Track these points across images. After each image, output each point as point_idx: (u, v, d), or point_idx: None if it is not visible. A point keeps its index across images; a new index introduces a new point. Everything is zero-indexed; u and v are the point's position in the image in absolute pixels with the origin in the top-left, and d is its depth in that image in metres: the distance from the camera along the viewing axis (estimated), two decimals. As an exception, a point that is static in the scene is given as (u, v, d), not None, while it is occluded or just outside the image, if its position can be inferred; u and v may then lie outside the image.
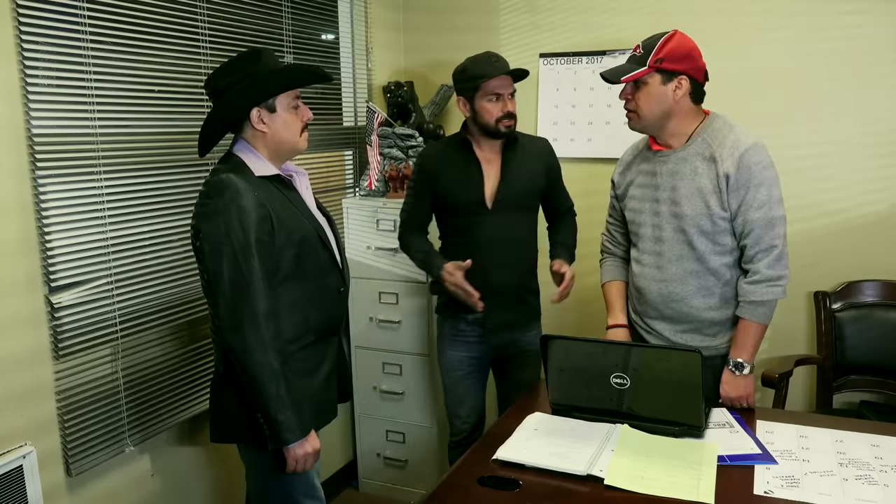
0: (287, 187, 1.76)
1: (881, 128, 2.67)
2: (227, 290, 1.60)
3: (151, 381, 2.17)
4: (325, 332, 1.81)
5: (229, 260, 1.59)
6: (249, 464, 1.81)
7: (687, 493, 1.46)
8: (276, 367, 1.62)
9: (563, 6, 3.07)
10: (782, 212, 1.86)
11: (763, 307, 1.87)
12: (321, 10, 2.93)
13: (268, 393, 1.61)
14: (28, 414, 1.82)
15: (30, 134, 1.78)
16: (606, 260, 2.23)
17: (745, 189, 1.83)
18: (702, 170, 1.88)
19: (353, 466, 3.20)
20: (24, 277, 1.79)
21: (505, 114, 2.22)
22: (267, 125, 1.70)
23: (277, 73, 1.71)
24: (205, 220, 1.63)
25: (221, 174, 1.63)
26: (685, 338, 1.98)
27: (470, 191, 2.27)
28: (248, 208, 1.60)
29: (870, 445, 1.67)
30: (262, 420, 1.65)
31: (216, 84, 1.70)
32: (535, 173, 2.33)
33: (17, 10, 1.72)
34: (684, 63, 1.87)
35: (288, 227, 1.67)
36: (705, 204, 1.87)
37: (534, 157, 2.33)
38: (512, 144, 2.31)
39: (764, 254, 1.85)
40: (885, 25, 2.61)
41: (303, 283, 1.72)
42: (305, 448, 1.68)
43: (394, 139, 3.06)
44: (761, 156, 1.84)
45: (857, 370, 2.72)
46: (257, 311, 1.60)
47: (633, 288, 2.10)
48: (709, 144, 1.89)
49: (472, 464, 1.64)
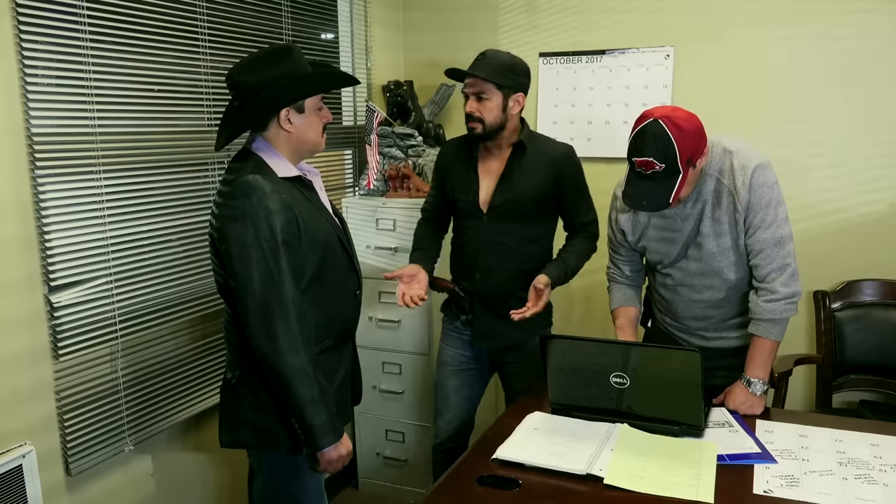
0: (308, 188, 1.73)
1: (881, 127, 2.67)
2: (258, 293, 1.56)
3: (151, 381, 2.17)
4: (343, 335, 1.80)
5: (259, 263, 1.56)
6: (260, 467, 1.78)
7: (686, 493, 1.46)
8: (309, 371, 1.59)
9: (563, 6, 3.07)
10: (790, 229, 1.85)
11: (781, 325, 1.86)
12: (321, 9, 2.93)
13: (302, 397, 1.59)
14: (27, 413, 1.82)
15: (29, 133, 1.78)
16: (614, 287, 2.15)
17: (754, 210, 1.81)
18: (719, 206, 1.85)
19: (353, 466, 3.20)
20: (23, 277, 1.79)
21: (467, 115, 2.13)
22: (294, 125, 1.67)
23: (316, 77, 1.69)
24: (231, 223, 1.58)
25: (247, 175, 1.59)
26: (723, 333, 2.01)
27: (467, 193, 2.23)
28: (276, 210, 1.57)
29: (869, 445, 1.67)
30: (297, 424, 1.63)
31: (242, 79, 1.65)
32: (540, 181, 2.17)
33: (16, 9, 1.72)
34: (700, 141, 1.75)
35: (312, 230, 1.65)
36: (730, 238, 1.86)
37: (542, 164, 2.17)
38: (520, 149, 2.18)
39: (778, 272, 1.83)
40: (886, 25, 2.61)
41: (324, 286, 1.70)
42: (340, 451, 1.66)
43: (393, 138, 3.06)
44: (767, 175, 1.81)
45: (857, 369, 2.72)
46: (289, 315, 1.57)
47: (659, 303, 2.10)
48: (717, 180, 1.84)
49: (471, 463, 1.64)
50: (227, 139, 1.69)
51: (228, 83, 1.67)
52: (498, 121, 2.11)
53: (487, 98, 2.08)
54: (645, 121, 1.72)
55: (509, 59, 2.12)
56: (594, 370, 1.76)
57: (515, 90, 2.12)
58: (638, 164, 1.72)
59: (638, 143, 1.72)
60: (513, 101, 2.12)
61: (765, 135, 2.80)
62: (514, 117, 2.15)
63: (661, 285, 2.05)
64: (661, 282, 2.05)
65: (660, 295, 2.08)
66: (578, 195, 2.24)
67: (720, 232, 1.86)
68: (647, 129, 1.71)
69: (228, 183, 1.62)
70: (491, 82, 2.07)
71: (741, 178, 1.80)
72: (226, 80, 1.68)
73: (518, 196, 2.17)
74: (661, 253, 1.97)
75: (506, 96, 2.10)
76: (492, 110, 2.09)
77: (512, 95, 2.11)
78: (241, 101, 1.66)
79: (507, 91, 2.10)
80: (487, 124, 2.10)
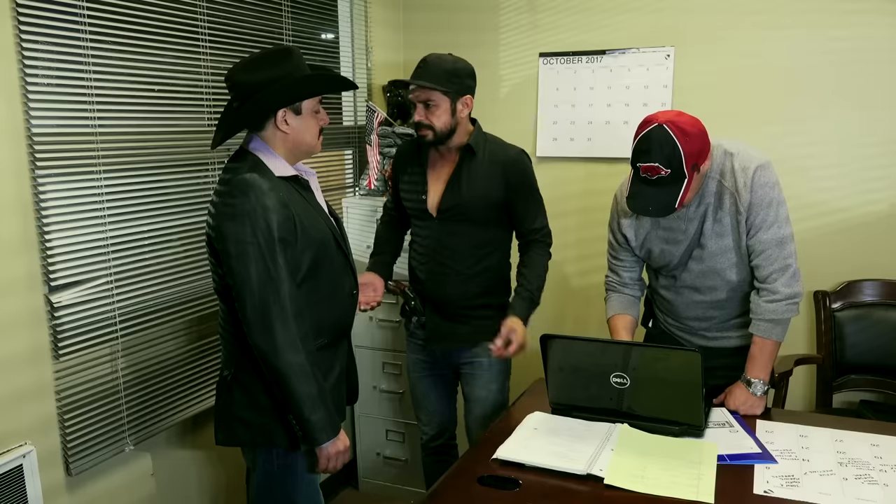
0: (304, 188, 1.75)
1: (881, 127, 2.67)
2: (256, 291, 1.58)
3: (151, 381, 2.17)
4: (338, 333, 1.81)
5: (257, 261, 1.57)
6: (255, 465, 1.79)
7: (687, 493, 1.46)
8: (307, 367, 1.60)
9: (563, 5, 3.07)
10: (791, 230, 1.85)
11: (782, 325, 1.86)
12: (321, 9, 2.93)
13: (300, 393, 1.60)
14: (28, 413, 1.82)
15: (30, 133, 1.78)
16: (612, 296, 2.12)
17: (755, 210, 1.81)
18: (721, 208, 1.85)
19: (353, 466, 3.20)
20: (23, 277, 1.79)
21: (415, 123, 2.12)
22: (290, 126, 1.68)
23: (313, 80, 1.70)
24: (229, 221, 1.59)
25: (244, 174, 1.61)
26: (724, 333, 2.02)
27: (416, 196, 2.23)
28: (273, 208, 1.58)
29: (869, 445, 1.67)
30: (295, 421, 1.64)
31: (241, 79, 1.66)
32: (489, 185, 2.15)
33: (16, 9, 1.72)
34: (704, 144, 1.74)
35: (308, 229, 1.66)
36: (732, 239, 1.86)
37: (492, 168, 2.15)
38: (468, 153, 2.16)
39: (779, 273, 1.83)
40: (887, 25, 2.61)
41: (319, 285, 1.71)
42: (338, 446, 1.67)
43: (393, 138, 3.05)
44: (768, 176, 1.80)
45: (857, 370, 2.72)
46: (287, 311, 1.59)
47: (661, 304, 2.10)
48: (719, 181, 1.84)
49: (471, 463, 1.64)
50: (222, 137, 1.70)
51: (228, 83, 1.69)
52: (448, 126, 2.10)
53: (435, 104, 2.07)
54: (649, 126, 1.71)
55: (452, 63, 2.10)
56: (594, 370, 1.76)
57: (462, 93, 2.10)
58: (643, 170, 1.71)
59: (643, 148, 1.71)
60: (461, 104, 2.10)
61: (765, 134, 2.80)
62: (464, 120, 2.14)
63: (664, 287, 2.05)
64: (663, 283, 2.05)
65: (661, 296, 2.08)
66: (528, 201, 2.21)
67: (722, 233, 1.86)
68: (652, 134, 1.69)
69: (226, 182, 1.63)
70: (437, 89, 2.05)
71: (742, 180, 1.80)
72: (225, 79, 1.69)
73: (466, 200, 2.15)
74: (666, 257, 1.97)
75: (453, 100, 2.08)
76: (440, 116, 2.08)
77: (459, 99, 2.10)
78: (240, 100, 1.67)
79: (454, 95, 2.08)
80: (438, 130, 2.09)
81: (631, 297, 2.10)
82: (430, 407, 2.41)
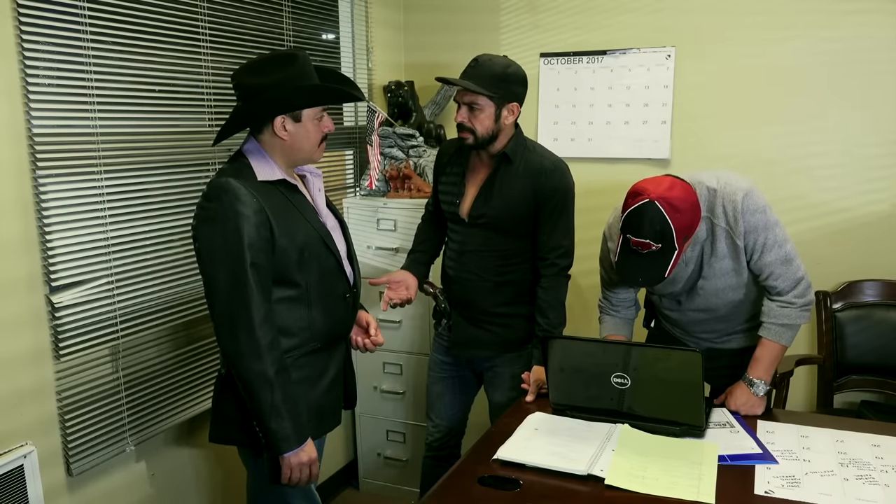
0: (292, 191, 1.72)
1: (882, 127, 2.67)
2: (223, 295, 1.59)
3: (152, 381, 2.17)
4: (331, 338, 1.79)
5: (225, 265, 1.58)
6: (247, 466, 1.80)
7: (687, 493, 1.46)
8: (270, 375, 1.59)
9: (564, 6, 3.07)
10: (791, 245, 1.85)
11: (793, 331, 1.87)
12: (322, 9, 2.93)
13: (261, 400, 1.60)
14: (28, 414, 1.82)
15: (30, 134, 1.78)
16: (605, 318, 2.10)
17: (751, 236, 1.80)
18: (715, 243, 1.84)
19: (354, 466, 3.20)
20: (24, 277, 1.79)
21: (458, 124, 2.05)
22: (288, 133, 1.67)
23: (315, 90, 1.68)
24: (203, 224, 1.62)
25: (222, 178, 1.62)
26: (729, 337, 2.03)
27: (451, 199, 2.20)
28: (246, 214, 1.58)
29: (870, 445, 1.67)
30: (258, 427, 1.64)
31: (245, 80, 1.66)
32: (519, 197, 2.07)
33: (17, 9, 1.72)
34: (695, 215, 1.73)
35: (289, 233, 1.65)
36: (733, 272, 1.86)
37: (524, 179, 2.08)
38: (504, 161, 2.09)
39: (792, 286, 1.85)
40: (888, 25, 2.61)
41: (306, 289, 1.70)
42: (301, 458, 1.65)
43: (394, 139, 3.06)
44: (756, 202, 1.79)
45: (858, 370, 2.72)
46: (253, 318, 1.58)
47: (666, 319, 2.10)
48: (709, 219, 1.82)
49: (472, 463, 1.64)
50: (221, 136, 1.71)
51: (232, 82, 1.69)
52: (490, 131, 2.03)
53: (479, 108, 2.00)
54: (639, 200, 1.67)
55: (503, 67, 2.02)
56: (595, 370, 1.76)
57: (509, 100, 2.03)
58: (633, 244, 1.69)
59: (633, 223, 1.68)
60: (506, 110, 2.04)
61: (766, 135, 2.80)
62: (508, 127, 2.07)
63: (668, 308, 2.05)
64: (666, 305, 2.05)
65: (665, 315, 2.08)
66: (551, 215, 2.10)
67: (720, 257, 1.85)
68: (643, 210, 1.65)
69: (207, 185, 1.66)
70: (482, 93, 1.99)
71: (731, 213, 1.79)
72: (231, 78, 1.70)
73: (496, 209, 2.10)
74: (665, 293, 1.98)
75: (498, 106, 2.02)
76: (483, 121, 2.01)
77: (505, 105, 2.03)
78: (242, 101, 1.68)
79: (500, 101, 2.01)
80: (479, 135, 2.03)
81: (625, 318, 2.09)
82: (442, 409, 2.39)
